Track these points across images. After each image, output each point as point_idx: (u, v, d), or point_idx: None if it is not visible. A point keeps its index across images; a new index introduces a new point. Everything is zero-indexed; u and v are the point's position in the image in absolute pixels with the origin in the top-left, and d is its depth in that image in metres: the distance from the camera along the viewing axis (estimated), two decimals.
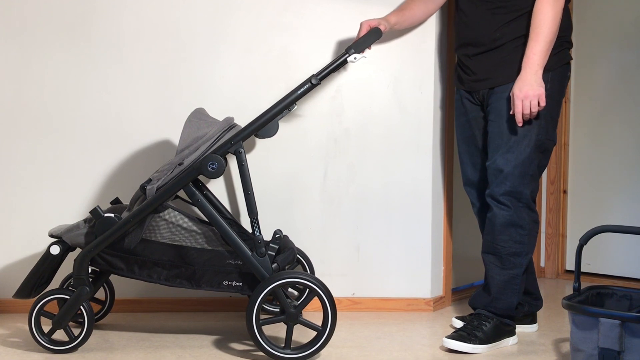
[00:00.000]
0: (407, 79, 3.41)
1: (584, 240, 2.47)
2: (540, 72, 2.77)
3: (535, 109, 2.77)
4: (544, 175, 4.29)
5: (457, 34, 3.06)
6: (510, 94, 2.80)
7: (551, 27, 2.75)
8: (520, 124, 2.80)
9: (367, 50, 3.02)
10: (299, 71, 3.33)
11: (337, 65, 2.88)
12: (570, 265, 4.33)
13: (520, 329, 3.09)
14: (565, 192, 4.33)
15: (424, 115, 3.42)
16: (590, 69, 4.23)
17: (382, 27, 3.08)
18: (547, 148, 2.91)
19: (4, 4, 3.31)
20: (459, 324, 3.14)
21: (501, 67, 2.87)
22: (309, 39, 3.39)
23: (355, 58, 2.92)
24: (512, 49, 2.85)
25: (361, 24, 3.10)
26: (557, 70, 2.87)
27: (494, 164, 2.88)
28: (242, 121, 2.94)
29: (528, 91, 2.76)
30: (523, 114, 2.78)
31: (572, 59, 2.97)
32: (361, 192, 3.44)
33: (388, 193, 3.44)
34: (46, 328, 2.78)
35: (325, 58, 3.37)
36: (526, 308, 3.11)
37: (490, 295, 2.93)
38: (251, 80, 3.39)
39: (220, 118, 2.94)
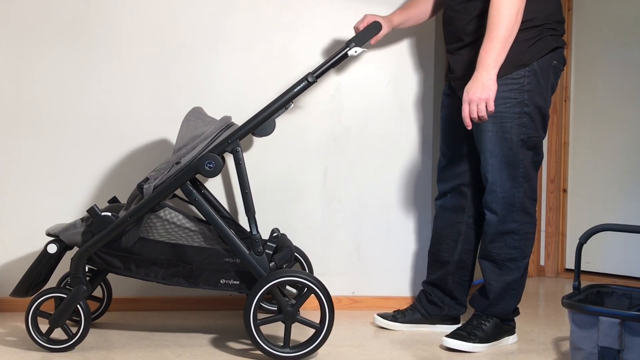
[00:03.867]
0: (407, 77, 3.41)
1: (584, 239, 2.46)
2: (494, 72, 2.64)
3: (483, 114, 2.65)
4: (544, 174, 4.29)
5: (442, 29, 3.01)
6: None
7: (506, 23, 2.61)
8: (468, 127, 2.70)
9: (367, 48, 3.01)
10: (299, 70, 3.33)
11: (337, 59, 2.88)
12: (570, 264, 4.34)
13: (440, 328, 3.12)
14: (565, 190, 4.33)
15: (424, 113, 3.41)
16: (591, 68, 4.23)
17: (383, 30, 3.06)
18: (535, 145, 2.82)
19: (4, 3, 3.31)
20: (381, 321, 3.17)
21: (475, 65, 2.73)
22: (309, 38, 3.39)
23: (355, 51, 2.92)
24: None
25: (365, 15, 3.08)
26: (537, 62, 2.75)
27: (482, 170, 2.86)
28: (242, 120, 2.93)
29: (474, 94, 2.64)
30: (471, 118, 2.68)
31: (563, 45, 2.82)
32: (361, 191, 3.44)
33: (388, 192, 3.44)
34: (44, 327, 2.77)
35: (324, 57, 3.37)
36: (445, 310, 3.13)
37: (489, 300, 2.92)
38: (251, 79, 3.39)
39: (219, 117, 2.93)
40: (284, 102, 2.77)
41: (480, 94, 2.64)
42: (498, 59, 2.64)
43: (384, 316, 3.17)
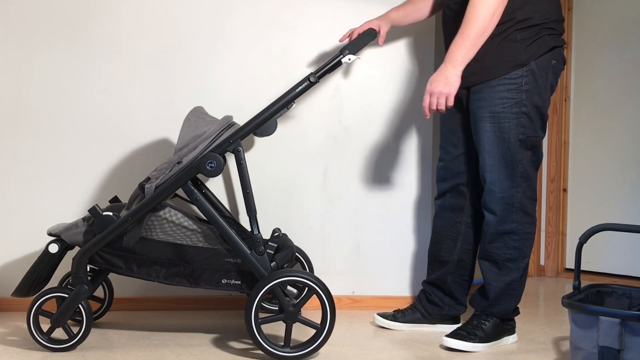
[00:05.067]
0: (406, 77, 3.42)
1: (584, 239, 2.46)
2: (461, 67, 2.66)
3: (441, 107, 2.68)
4: (544, 173, 4.30)
5: (442, 29, 3.02)
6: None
7: (480, 23, 2.62)
8: (427, 117, 2.74)
9: (361, 52, 3.01)
10: (299, 70, 3.34)
11: (331, 66, 2.88)
12: (570, 263, 4.34)
13: (440, 328, 3.13)
14: (565, 190, 4.34)
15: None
16: (591, 68, 4.23)
17: (383, 28, 3.08)
18: (534, 144, 2.82)
19: (3, 3, 3.30)
20: (381, 321, 3.17)
21: (473, 65, 2.73)
22: (309, 37, 3.39)
23: (349, 59, 2.92)
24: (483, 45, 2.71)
25: (362, 24, 3.10)
26: (535, 62, 2.74)
27: (480, 170, 2.87)
28: (242, 120, 2.93)
29: (437, 87, 2.67)
30: (430, 109, 2.71)
31: (562, 44, 2.81)
32: (361, 191, 3.44)
33: (388, 191, 3.44)
34: (45, 327, 2.77)
35: (324, 57, 3.37)
36: (445, 310, 3.13)
37: (488, 300, 2.92)
38: (251, 79, 3.39)
39: (220, 117, 2.94)
40: (286, 102, 2.77)
41: (442, 87, 2.67)
42: (467, 55, 2.66)
43: (384, 316, 3.17)
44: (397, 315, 3.16)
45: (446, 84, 2.66)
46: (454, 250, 3.06)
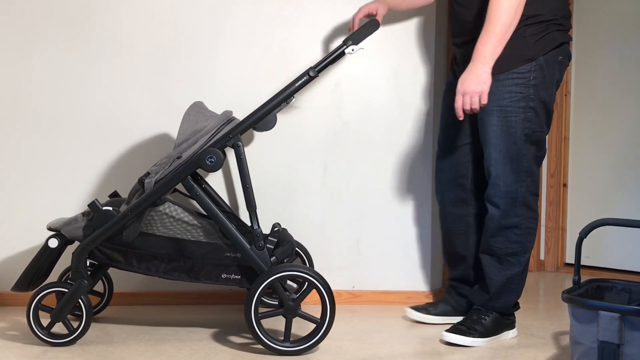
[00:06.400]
0: (406, 72, 3.41)
1: (584, 234, 2.46)
2: (490, 64, 2.65)
3: (475, 106, 2.67)
4: (544, 168, 4.29)
5: (450, 23, 3.02)
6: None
7: (504, 18, 2.62)
8: (460, 118, 2.72)
9: (365, 42, 3.00)
10: (299, 65, 3.33)
11: (335, 57, 2.87)
12: (570, 258, 4.34)
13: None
14: (565, 185, 4.33)
15: (424, 108, 3.41)
16: (591, 63, 4.23)
17: (380, 11, 3.08)
18: (538, 140, 2.82)
19: (4, 1, 3.29)
20: (414, 314, 3.16)
21: None
22: (309, 32, 3.39)
23: (353, 50, 2.91)
24: None
25: (360, 9, 3.11)
26: (543, 57, 2.75)
27: (485, 164, 2.86)
28: (242, 115, 2.93)
29: (469, 86, 2.66)
30: (464, 109, 2.69)
31: (569, 40, 2.82)
32: (361, 186, 3.44)
33: (387, 186, 3.44)
34: (45, 321, 2.77)
35: (324, 51, 3.37)
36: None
37: (489, 294, 2.92)
38: (250, 74, 3.38)
39: (220, 112, 2.93)
40: (285, 96, 2.76)
41: (475, 86, 2.65)
42: (494, 52, 2.65)
43: (416, 309, 3.16)
44: (429, 308, 3.15)
45: (478, 82, 2.65)
46: (468, 243, 3.06)
